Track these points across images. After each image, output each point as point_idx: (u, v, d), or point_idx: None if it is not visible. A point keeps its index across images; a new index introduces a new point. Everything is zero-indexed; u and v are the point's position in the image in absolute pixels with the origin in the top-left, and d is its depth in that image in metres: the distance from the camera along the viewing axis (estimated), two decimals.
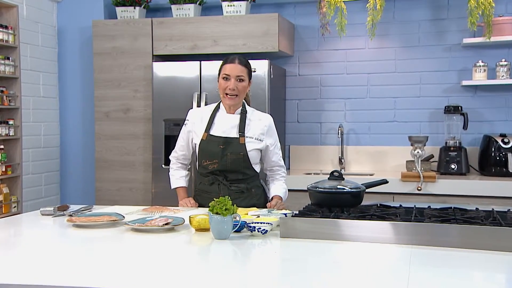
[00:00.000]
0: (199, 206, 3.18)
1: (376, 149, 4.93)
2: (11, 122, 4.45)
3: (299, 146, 5.10)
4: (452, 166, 4.44)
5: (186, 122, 3.26)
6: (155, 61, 4.77)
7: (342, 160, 4.93)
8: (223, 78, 3.10)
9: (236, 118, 3.14)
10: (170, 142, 4.70)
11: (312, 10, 4.84)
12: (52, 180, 5.24)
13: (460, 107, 4.53)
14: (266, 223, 2.30)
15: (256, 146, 3.12)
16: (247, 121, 3.14)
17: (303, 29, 5.05)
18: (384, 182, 2.83)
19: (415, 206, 2.58)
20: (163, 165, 4.65)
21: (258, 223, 2.31)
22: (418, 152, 4.28)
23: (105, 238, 2.39)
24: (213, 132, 3.12)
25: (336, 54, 5.00)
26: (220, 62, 3.27)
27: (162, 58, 4.89)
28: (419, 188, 4.15)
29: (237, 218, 2.28)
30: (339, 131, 4.87)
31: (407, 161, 4.49)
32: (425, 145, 4.36)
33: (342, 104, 5.00)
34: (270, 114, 4.49)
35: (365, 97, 4.95)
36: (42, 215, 2.84)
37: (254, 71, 4.44)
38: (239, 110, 3.16)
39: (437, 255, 2.04)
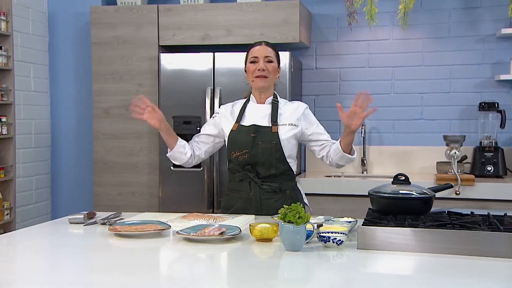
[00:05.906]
0: (227, 208, 3.17)
1: (401, 149, 4.92)
2: (3, 119, 4.30)
3: None
4: (488, 168, 4.45)
5: (215, 114, 3.30)
6: (162, 52, 4.68)
7: (365, 161, 4.91)
8: (251, 62, 3.15)
9: (267, 107, 3.18)
10: None
11: None
12: (43, 184, 5.11)
13: (496, 104, 4.54)
14: (341, 233, 2.26)
15: (291, 133, 3.11)
16: (279, 111, 3.16)
17: (321, 18, 5.02)
18: (449, 186, 2.82)
19: (489, 213, 2.56)
20: (171, 167, 4.57)
21: (331, 232, 2.26)
22: (455, 152, 4.28)
23: (158, 249, 2.33)
24: (244, 122, 3.16)
25: (357, 45, 4.98)
26: (235, 53, 3.25)
27: (169, 49, 4.80)
28: (457, 192, 4.15)
29: (311, 228, 2.24)
30: (361, 129, 4.85)
31: (438, 163, 4.49)
32: (461, 145, 4.36)
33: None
34: None
35: (389, 93, 4.94)
36: (71, 223, 2.76)
37: None
38: (270, 99, 3.19)
39: None
